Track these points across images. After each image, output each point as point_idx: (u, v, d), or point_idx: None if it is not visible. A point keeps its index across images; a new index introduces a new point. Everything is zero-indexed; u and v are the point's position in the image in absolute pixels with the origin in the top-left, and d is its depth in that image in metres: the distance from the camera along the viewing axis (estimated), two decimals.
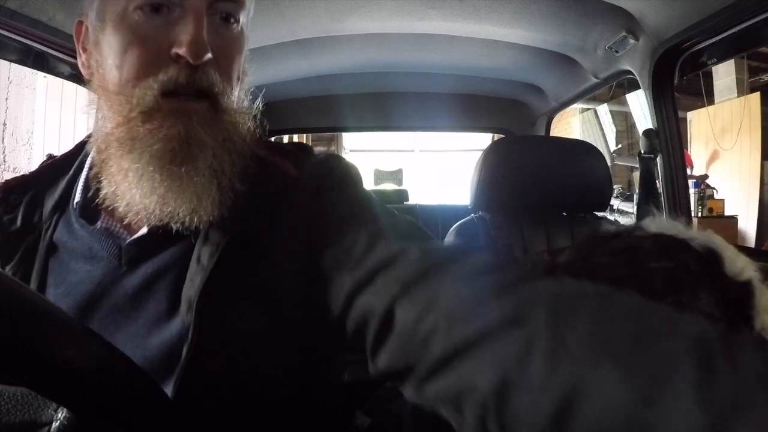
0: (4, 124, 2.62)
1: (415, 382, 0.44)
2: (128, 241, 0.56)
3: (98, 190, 0.55)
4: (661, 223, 0.59)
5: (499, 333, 0.39)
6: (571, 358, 0.35)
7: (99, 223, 0.58)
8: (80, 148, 0.64)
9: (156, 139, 0.50)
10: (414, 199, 2.59)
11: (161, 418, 0.38)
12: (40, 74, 2.54)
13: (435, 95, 2.10)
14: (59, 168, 0.63)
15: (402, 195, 2.57)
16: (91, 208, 0.57)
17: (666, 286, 0.48)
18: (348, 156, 7.09)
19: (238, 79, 0.57)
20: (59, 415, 0.35)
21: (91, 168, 0.58)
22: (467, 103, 2.13)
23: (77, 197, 0.59)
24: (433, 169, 7.14)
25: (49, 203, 0.61)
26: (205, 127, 0.51)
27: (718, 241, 0.54)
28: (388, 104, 2.12)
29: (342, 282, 0.51)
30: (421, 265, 0.47)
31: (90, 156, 0.60)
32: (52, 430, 0.35)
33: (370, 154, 7.08)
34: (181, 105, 0.50)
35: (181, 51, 0.49)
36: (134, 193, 0.51)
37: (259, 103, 0.60)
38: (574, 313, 0.37)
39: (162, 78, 0.50)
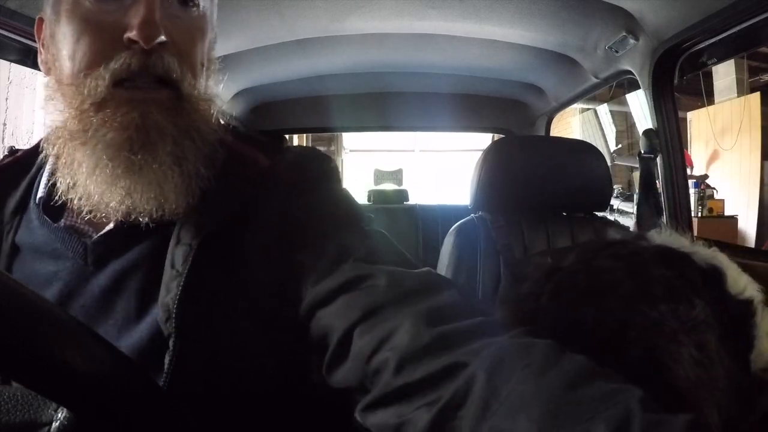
0: (4, 124, 2.61)
1: (363, 406, 0.45)
2: (94, 239, 0.54)
3: (55, 185, 0.53)
4: (666, 236, 0.59)
5: (443, 380, 0.40)
6: (498, 412, 0.36)
7: (63, 220, 0.55)
8: (40, 144, 0.60)
9: (110, 128, 0.48)
10: (414, 199, 2.59)
11: (160, 417, 0.38)
12: (40, 74, 2.53)
13: (435, 95, 2.10)
14: (20, 166, 0.60)
15: (402, 195, 2.56)
16: (55, 206, 0.55)
17: (664, 292, 0.49)
18: (348, 156, 7.08)
19: (203, 66, 0.55)
20: (59, 415, 0.35)
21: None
22: (467, 103, 2.13)
23: (40, 192, 0.57)
24: (433, 169, 7.14)
25: (11, 204, 0.58)
26: (164, 114, 0.49)
27: (722, 259, 0.54)
28: (388, 104, 2.12)
29: (306, 292, 0.51)
30: (383, 296, 0.47)
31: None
32: (52, 430, 0.35)
33: (370, 154, 7.08)
34: (136, 94, 0.48)
35: (132, 34, 0.47)
36: (89, 185, 0.49)
37: (221, 80, 0.59)
38: (513, 369, 0.38)
39: (113, 66, 0.48)
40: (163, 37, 0.48)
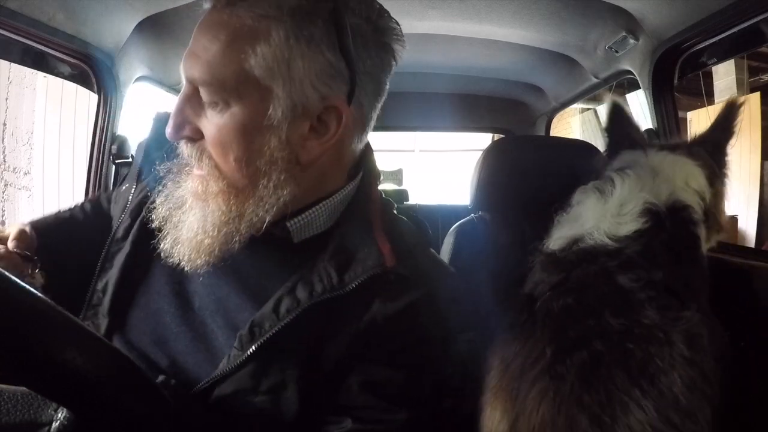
0: (4, 124, 2.62)
1: None
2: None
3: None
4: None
5: None
6: None
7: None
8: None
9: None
10: (414, 199, 2.59)
11: (160, 417, 0.38)
12: (40, 74, 2.54)
13: (435, 95, 2.09)
14: None
15: (402, 195, 2.56)
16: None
17: (645, 299, 0.49)
18: None
19: (237, 160, 0.57)
20: (59, 415, 0.35)
21: None
22: (467, 103, 2.13)
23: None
24: (433, 169, 7.13)
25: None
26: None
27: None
28: (388, 104, 2.11)
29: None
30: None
31: None
32: (52, 430, 0.35)
33: None
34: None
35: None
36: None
37: None
38: None
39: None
40: (182, 133, 0.57)
